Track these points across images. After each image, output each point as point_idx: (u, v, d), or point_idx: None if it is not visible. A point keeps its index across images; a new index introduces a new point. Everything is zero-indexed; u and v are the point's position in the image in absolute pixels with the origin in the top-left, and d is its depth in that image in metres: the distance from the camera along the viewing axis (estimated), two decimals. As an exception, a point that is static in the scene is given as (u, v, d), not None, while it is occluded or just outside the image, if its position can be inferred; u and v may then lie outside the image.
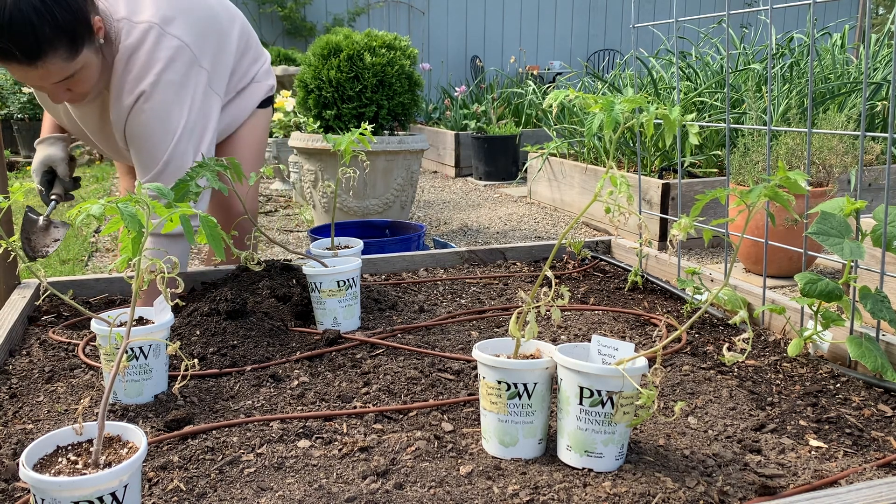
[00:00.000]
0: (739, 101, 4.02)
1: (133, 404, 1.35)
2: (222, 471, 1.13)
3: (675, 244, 1.13)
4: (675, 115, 1.15)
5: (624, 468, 1.12)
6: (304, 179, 3.93)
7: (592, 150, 4.62)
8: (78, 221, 1.02)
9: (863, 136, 1.51)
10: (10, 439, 1.23)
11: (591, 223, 4.33)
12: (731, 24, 2.99)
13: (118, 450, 0.96)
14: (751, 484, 1.09)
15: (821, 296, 1.48)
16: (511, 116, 6.98)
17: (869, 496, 0.98)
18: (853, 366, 1.55)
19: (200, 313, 1.69)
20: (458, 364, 1.52)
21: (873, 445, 1.23)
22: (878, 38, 4.72)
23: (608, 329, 1.75)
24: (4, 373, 1.51)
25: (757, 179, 2.93)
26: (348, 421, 1.29)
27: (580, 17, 9.59)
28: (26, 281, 2.01)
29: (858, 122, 3.36)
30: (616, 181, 1.09)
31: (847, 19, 5.64)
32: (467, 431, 1.25)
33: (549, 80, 8.56)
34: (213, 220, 1.16)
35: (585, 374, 1.09)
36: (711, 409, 1.35)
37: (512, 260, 2.38)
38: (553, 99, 1.19)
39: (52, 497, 0.87)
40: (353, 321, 1.74)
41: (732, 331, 1.78)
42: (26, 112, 7.60)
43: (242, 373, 1.49)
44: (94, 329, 1.36)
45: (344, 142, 1.81)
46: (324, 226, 2.95)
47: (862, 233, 1.54)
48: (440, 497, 1.04)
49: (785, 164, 1.22)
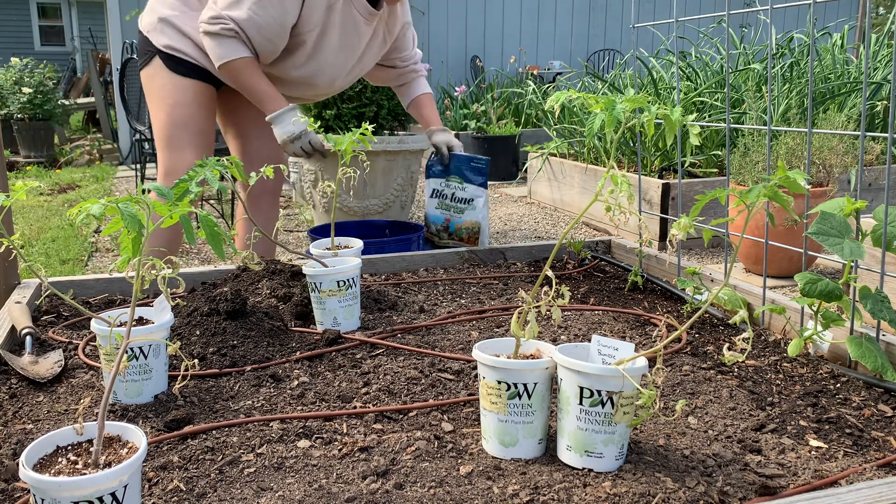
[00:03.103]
0: (739, 101, 4.02)
1: (133, 404, 1.35)
2: (222, 471, 1.13)
3: (675, 244, 1.13)
4: (676, 116, 1.15)
5: (624, 468, 1.12)
6: (305, 179, 3.93)
7: (592, 150, 4.61)
8: (78, 221, 1.02)
9: (863, 136, 1.51)
10: (10, 439, 1.23)
11: (591, 223, 4.33)
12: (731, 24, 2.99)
13: (118, 450, 0.96)
14: (751, 484, 1.09)
15: (821, 296, 1.48)
16: (511, 116, 6.98)
17: (869, 496, 0.98)
18: (853, 366, 1.55)
19: (200, 313, 1.69)
20: (458, 364, 1.52)
21: (873, 445, 1.23)
22: (878, 38, 4.72)
23: (608, 329, 1.75)
24: (4, 373, 1.51)
25: (757, 179, 2.93)
26: (348, 421, 1.29)
27: (580, 17, 9.59)
28: (26, 281, 2.00)
29: (858, 122, 3.36)
30: (617, 180, 1.08)
31: (847, 19, 5.64)
32: (467, 431, 1.25)
33: (549, 80, 8.55)
34: (212, 220, 1.15)
35: (585, 374, 1.09)
36: (711, 409, 1.35)
37: (512, 260, 2.38)
38: (555, 100, 1.19)
39: (52, 497, 0.87)
40: (353, 321, 1.74)
41: (732, 331, 1.78)
42: (26, 112, 7.60)
43: (242, 373, 1.49)
44: (94, 329, 1.36)
45: (344, 142, 1.81)
46: (324, 226, 2.95)
47: (862, 233, 1.54)
48: (440, 497, 1.04)
49: (785, 164, 1.22)
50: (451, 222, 2.51)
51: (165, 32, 2.31)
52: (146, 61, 2.37)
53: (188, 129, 2.31)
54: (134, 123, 4.66)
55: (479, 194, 2.47)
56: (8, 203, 1.25)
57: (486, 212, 2.50)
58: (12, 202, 1.26)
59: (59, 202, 5.38)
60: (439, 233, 2.53)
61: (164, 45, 2.30)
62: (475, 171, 2.47)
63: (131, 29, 7.54)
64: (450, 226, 2.51)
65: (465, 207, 2.49)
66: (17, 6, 15.96)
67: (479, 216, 2.48)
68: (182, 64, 2.31)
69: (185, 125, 2.31)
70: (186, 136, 2.30)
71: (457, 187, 2.49)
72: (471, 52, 9.25)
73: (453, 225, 2.50)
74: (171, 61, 2.31)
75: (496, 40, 9.40)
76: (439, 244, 2.52)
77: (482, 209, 2.48)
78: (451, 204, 2.50)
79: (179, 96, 2.31)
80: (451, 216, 2.51)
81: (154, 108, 2.38)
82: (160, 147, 2.35)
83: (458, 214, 2.50)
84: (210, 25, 2.16)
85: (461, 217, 2.49)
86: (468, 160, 2.48)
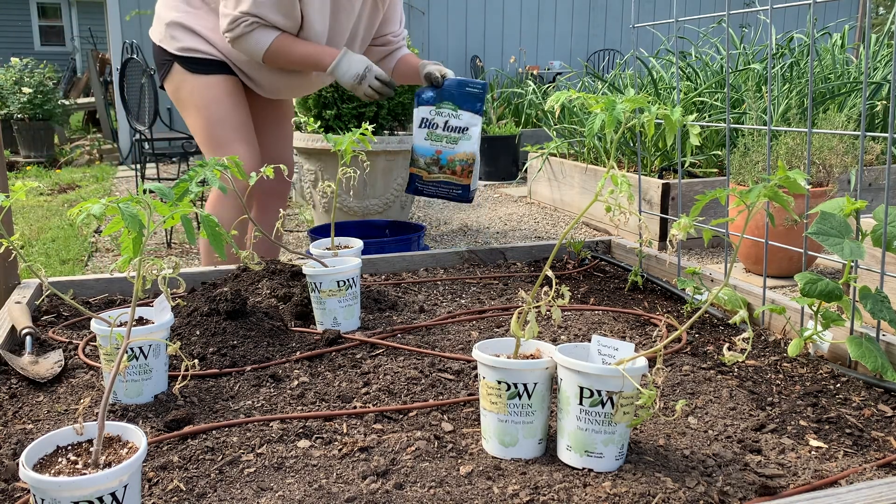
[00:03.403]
0: (739, 101, 4.02)
1: (133, 404, 1.35)
2: (222, 471, 1.13)
3: (675, 244, 1.13)
4: (676, 116, 1.15)
5: (624, 468, 1.12)
6: (305, 179, 3.93)
7: (592, 150, 4.62)
8: (79, 221, 1.02)
9: (863, 136, 1.51)
10: (10, 439, 1.23)
11: (591, 223, 4.33)
12: (730, 24, 2.99)
13: (118, 450, 0.96)
14: (751, 484, 1.09)
15: (821, 296, 1.48)
16: (511, 116, 6.98)
17: (869, 496, 0.98)
18: (853, 366, 1.55)
19: (200, 313, 1.69)
20: (458, 364, 1.52)
21: (873, 445, 1.24)
22: (878, 38, 4.72)
23: (608, 329, 1.75)
24: (4, 373, 1.51)
25: (757, 179, 2.93)
26: (348, 421, 1.29)
27: (580, 17, 9.59)
28: (26, 281, 2.00)
29: (858, 122, 3.36)
30: (617, 180, 1.09)
31: (847, 19, 5.64)
32: (467, 431, 1.25)
33: (549, 80, 8.55)
34: (213, 220, 1.15)
35: (585, 374, 1.09)
36: (711, 409, 1.35)
37: (512, 260, 2.38)
38: (555, 100, 1.19)
39: (52, 497, 0.87)
40: (353, 321, 1.74)
41: (732, 331, 1.78)
42: (26, 112, 7.60)
43: (242, 373, 1.49)
44: (95, 329, 1.36)
45: (344, 142, 1.81)
46: (324, 225, 2.95)
47: (862, 233, 1.54)
48: (440, 497, 1.04)
49: (785, 164, 1.22)
50: (442, 154, 2.23)
51: (176, 36, 2.30)
52: (166, 72, 2.36)
53: (229, 124, 2.30)
54: (134, 123, 4.66)
55: (475, 122, 2.23)
56: (8, 203, 1.25)
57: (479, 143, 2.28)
58: (12, 202, 1.26)
59: (59, 202, 5.38)
60: (429, 166, 2.25)
61: (178, 48, 2.30)
62: (470, 96, 2.22)
63: (131, 29, 7.54)
64: (441, 158, 2.23)
65: (460, 137, 2.22)
66: (17, 6, 15.96)
67: (475, 147, 2.23)
68: (201, 63, 2.30)
69: (224, 121, 2.30)
70: (229, 131, 2.29)
71: (450, 114, 2.22)
72: (471, 52, 9.25)
73: (445, 157, 2.23)
74: (190, 63, 2.31)
75: (496, 40, 9.40)
76: (428, 179, 2.25)
77: (478, 139, 2.25)
78: (442, 134, 2.22)
79: (210, 95, 2.31)
80: (442, 147, 2.23)
81: (189, 116, 2.37)
82: (208, 151, 2.33)
83: (451, 145, 2.22)
84: (232, 31, 2.17)
85: (454, 148, 2.22)
86: (462, 84, 2.23)
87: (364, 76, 2.18)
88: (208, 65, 2.31)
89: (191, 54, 2.30)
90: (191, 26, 2.29)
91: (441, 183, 2.24)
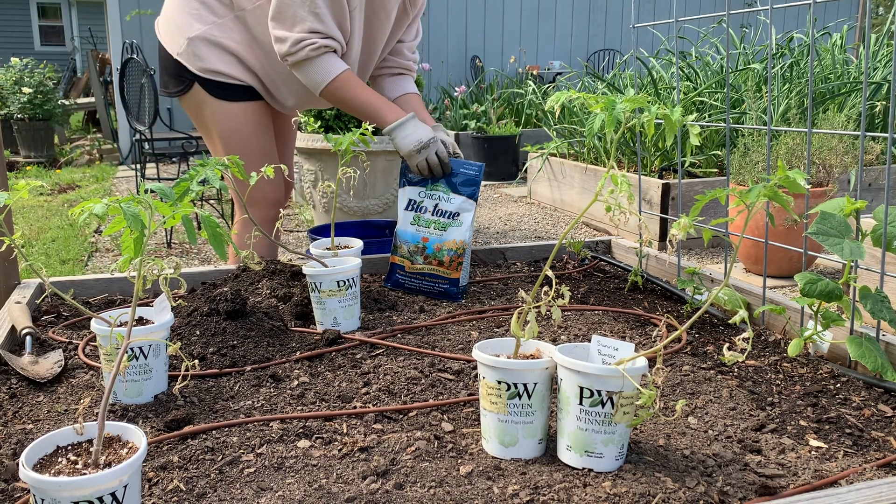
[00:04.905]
0: (739, 101, 4.02)
1: (133, 404, 1.35)
2: (222, 471, 1.13)
3: (675, 244, 1.13)
4: (676, 116, 1.15)
5: (624, 468, 1.12)
6: (304, 179, 3.93)
7: (592, 150, 4.62)
8: (81, 221, 1.02)
9: (863, 136, 1.51)
10: (10, 439, 1.23)
11: (591, 223, 4.33)
12: (731, 24, 2.99)
13: (118, 450, 0.96)
14: (751, 484, 1.09)
15: (821, 296, 1.48)
16: (511, 116, 6.98)
17: (869, 496, 0.98)
18: (853, 366, 1.55)
19: (200, 313, 1.69)
20: (458, 364, 1.52)
21: (873, 445, 1.24)
22: (878, 38, 4.72)
23: (608, 329, 1.75)
24: (4, 373, 1.51)
25: (757, 179, 2.93)
26: (348, 421, 1.29)
27: (580, 17, 9.59)
28: (26, 281, 2.00)
29: (858, 122, 3.36)
30: (617, 180, 1.09)
31: (847, 19, 5.64)
32: (467, 431, 1.25)
33: (549, 80, 8.56)
34: (214, 220, 1.16)
35: (585, 375, 1.09)
36: (711, 409, 1.35)
37: (512, 260, 2.38)
38: (555, 100, 1.19)
39: (52, 497, 0.87)
40: (353, 321, 1.74)
41: (732, 331, 1.78)
42: (26, 112, 7.60)
43: (242, 373, 1.49)
44: (95, 329, 1.36)
45: (344, 142, 1.81)
46: (324, 226, 2.95)
47: (862, 233, 1.54)
48: (440, 497, 1.04)
49: (785, 164, 1.22)
50: (429, 242, 1.97)
51: (201, 55, 2.10)
52: (184, 89, 2.17)
53: (251, 154, 2.17)
54: (134, 123, 4.66)
55: (468, 208, 1.98)
56: (10, 202, 1.25)
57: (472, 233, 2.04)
58: (13, 202, 1.26)
59: (60, 202, 5.38)
60: (412, 255, 1.99)
61: (202, 69, 2.11)
62: (466, 179, 2.00)
63: (131, 29, 7.54)
64: (427, 246, 1.97)
65: (450, 223, 1.97)
66: (17, 6, 15.97)
67: (466, 236, 1.97)
68: (227, 89, 2.14)
69: (246, 152, 2.15)
70: (251, 162, 2.12)
71: (441, 197, 1.99)
72: (471, 52, 9.25)
73: (431, 245, 1.97)
74: (214, 87, 2.13)
75: (496, 40, 9.40)
76: (411, 270, 1.99)
77: (470, 227, 1.99)
78: (431, 219, 1.98)
79: (233, 125, 2.17)
80: (429, 234, 1.98)
81: (209, 140, 2.25)
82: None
83: (440, 232, 1.97)
84: (294, 55, 1.96)
85: (442, 235, 1.97)
86: (458, 165, 2.02)
87: (427, 146, 1.96)
88: (234, 90, 2.14)
89: (216, 78, 2.12)
90: (219, 41, 2.09)
91: (425, 275, 1.97)
